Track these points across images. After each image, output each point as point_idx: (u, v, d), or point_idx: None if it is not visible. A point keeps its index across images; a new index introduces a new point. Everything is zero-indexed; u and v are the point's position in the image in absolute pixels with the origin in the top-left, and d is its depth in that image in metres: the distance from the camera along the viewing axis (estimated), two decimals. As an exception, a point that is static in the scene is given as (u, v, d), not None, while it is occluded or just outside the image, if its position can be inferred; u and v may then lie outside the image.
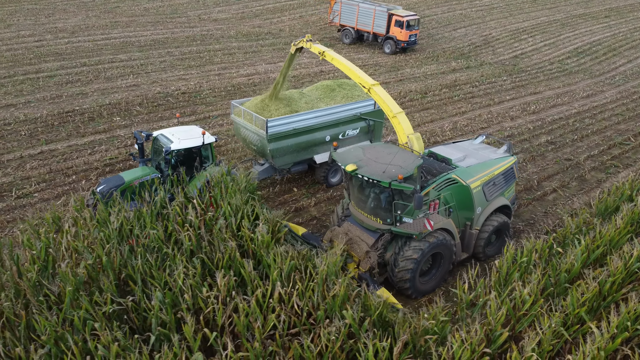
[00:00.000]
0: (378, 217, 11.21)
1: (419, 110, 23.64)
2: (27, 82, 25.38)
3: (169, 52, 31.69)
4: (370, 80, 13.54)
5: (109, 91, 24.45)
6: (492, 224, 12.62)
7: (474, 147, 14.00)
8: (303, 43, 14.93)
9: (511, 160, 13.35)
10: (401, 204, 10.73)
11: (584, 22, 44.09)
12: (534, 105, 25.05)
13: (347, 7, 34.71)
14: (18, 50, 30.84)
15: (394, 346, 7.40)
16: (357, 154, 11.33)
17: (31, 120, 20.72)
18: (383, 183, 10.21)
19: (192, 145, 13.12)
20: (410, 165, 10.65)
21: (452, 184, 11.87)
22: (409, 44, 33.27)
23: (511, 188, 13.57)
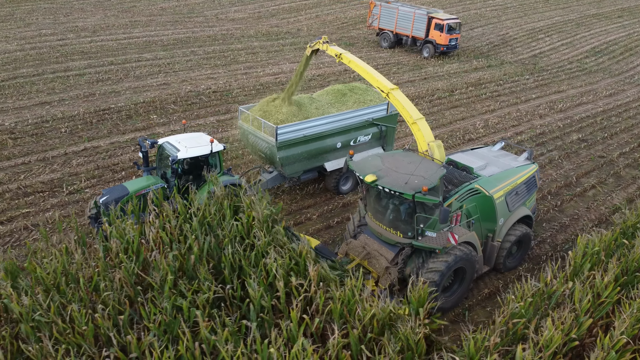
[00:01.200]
0: (398, 230, 10.51)
1: (449, 108, 23.92)
2: (58, 81, 25.61)
3: (193, 52, 31.94)
4: (389, 84, 12.80)
5: (140, 89, 24.69)
6: (514, 235, 11.98)
7: (493, 155, 13.44)
8: (319, 45, 14.18)
9: (533, 169, 12.75)
10: (423, 216, 10.04)
11: (598, 21, 44.41)
12: (561, 103, 25.34)
13: (387, 11, 34.21)
14: (42, 49, 31.08)
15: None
16: (376, 163, 10.62)
17: (69, 118, 20.96)
18: (406, 195, 9.53)
19: (199, 154, 12.46)
20: (434, 175, 9.99)
21: (475, 194, 11.19)
22: (449, 48, 32.31)
23: (532, 197, 12.98)
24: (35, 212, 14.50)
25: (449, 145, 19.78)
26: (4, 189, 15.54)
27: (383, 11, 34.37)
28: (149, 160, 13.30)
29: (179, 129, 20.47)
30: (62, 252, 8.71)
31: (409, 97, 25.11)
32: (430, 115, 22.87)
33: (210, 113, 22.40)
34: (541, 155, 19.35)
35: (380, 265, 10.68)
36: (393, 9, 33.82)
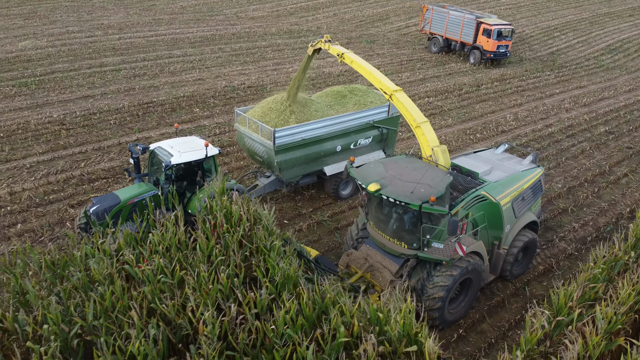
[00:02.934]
0: (402, 241, 9.94)
1: (477, 102, 24.72)
2: (96, 75, 26.37)
3: (220, 49, 32.70)
4: (392, 85, 12.25)
5: (177, 84, 25.45)
6: (521, 241, 11.54)
7: (497, 158, 12.92)
8: (321, 44, 13.77)
9: (539, 172, 12.26)
10: (429, 227, 9.52)
11: (611, 20, 45.25)
12: (584, 98, 26.14)
13: (438, 15, 33.21)
14: (74, 46, 31.83)
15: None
16: (378, 170, 10.02)
17: (114, 111, 21.73)
18: (413, 206, 9.01)
19: (194, 159, 11.94)
20: (440, 183, 9.46)
21: (482, 201, 10.58)
22: (496, 56, 30.52)
23: (537, 202, 12.55)
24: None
25: (484, 136, 20.58)
26: (68, 176, 16.30)
27: (435, 15, 33.39)
28: (140, 166, 12.82)
29: (223, 122, 21.26)
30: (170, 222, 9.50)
31: (437, 92, 26.17)
32: (461, 108, 23.69)
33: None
34: (572, 146, 20.16)
35: (384, 278, 10.00)
36: (444, 13, 32.78)
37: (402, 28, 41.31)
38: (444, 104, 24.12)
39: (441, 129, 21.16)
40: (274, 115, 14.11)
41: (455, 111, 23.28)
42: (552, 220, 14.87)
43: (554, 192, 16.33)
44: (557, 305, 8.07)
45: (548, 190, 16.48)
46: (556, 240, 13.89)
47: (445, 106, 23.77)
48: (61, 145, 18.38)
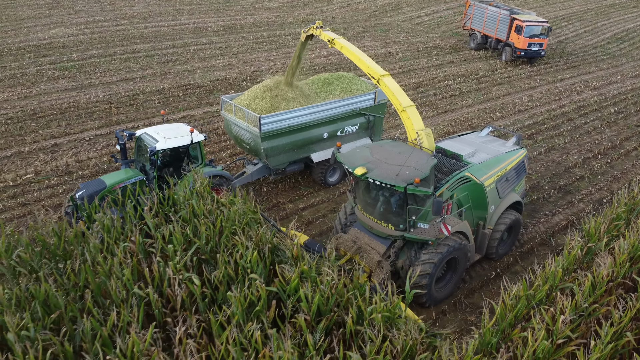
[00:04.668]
0: (389, 223, 10.22)
1: (494, 85, 26.22)
2: (131, 60, 27.81)
3: (243, 37, 34.11)
4: (380, 70, 12.60)
5: (209, 69, 26.90)
6: (505, 221, 11.87)
7: (482, 140, 13.21)
8: (313, 30, 14.08)
9: (522, 154, 12.59)
10: (415, 208, 9.78)
11: (616, 11, 46.63)
12: (593, 82, 27.62)
13: (478, 11, 32.70)
14: (103, 34, 33.23)
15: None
16: (364, 154, 10.26)
17: (156, 92, 23.19)
18: (398, 188, 9.25)
19: (179, 145, 12.04)
20: (425, 165, 9.72)
21: (466, 182, 10.95)
22: (527, 54, 29.44)
23: (521, 182, 12.91)
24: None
25: (503, 115, 22.10)
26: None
27: (475, 11, 32.89)
28: (127, 152, 12.90)
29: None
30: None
31: (455, 76, 27.66)
32: (479, 90, 25.19)
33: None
34: (585, 124, 21.68)
35: (372, 259, 10.25)
36: (483, 8, 32.11)
37: (415, 18, 42.69)
38: (462, 86, 25.63)
39: (462, 108, 22.67)
40: (260, 102, 14.14)
41: (473, 93, 24.79)
42: (570, 186, 16.41)
43: (571, 163, 17.87)
44: (587, 234, 9.62)
45: (565, 160, 18.04)
46: (575, 202, 15.44)
47: (464, 88, 25.28)
48: (114, 121, 19.88)
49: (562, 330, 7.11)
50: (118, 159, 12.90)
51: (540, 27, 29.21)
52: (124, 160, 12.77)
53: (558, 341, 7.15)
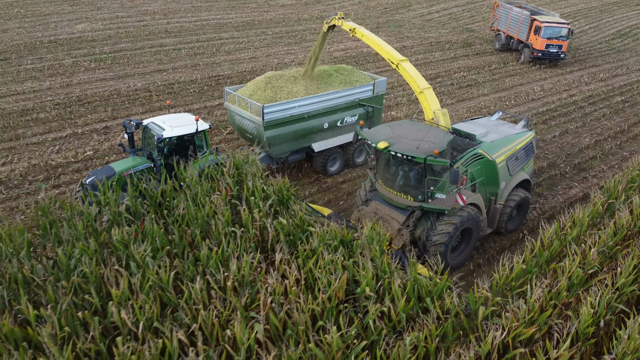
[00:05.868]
0: (408, 195, 11.00)
1: (506, 77, 27.65)
2: (161, 53, 29.22)
3: (263, 32, 35.53)
4: (399, 55, 13.31)
5: (235, 62, 28.31)
6: (515, 198, 12.62)
7: (493, 123, 14.06)
8: (335, 21, 14.68)
9: (530, 135, 13.43)
10: (433, 179, 10.56)
11: (619, 8, 48.07)
12: (600, 74, 29.04)
13: (504, 12, 32.68)
14: (129, 29, 34.64)
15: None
16: (385, 131, 11.08)
17: (190, 82, 24.58)
18: (418, 159, 10.02)
19: (185, 133, 12.36)
20: (442, 140, 10.54)
21: (479, 159, 11.81)
22: (545, 55, 29.03)
23: (530, 163, 13.71)
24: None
25: (518, 103, 23.51)
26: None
27: (502, 12, 32.88)
28: (134, 141, 13.29)
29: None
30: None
31: (469, 69, 29.05)
32: (493, 81, 26.62)
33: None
34: (594, 111, 23.10)
35: (392, 227, 11.01)
36: (508, 9, 32.10)
37: (425, 14, 44.13)
38: (477, 77, 27.05)
39: (479, 97, 24.09)
40: (262, 93, 14.64)
41: (488, 83, 26.21)
42: (584, 164, 17.82)
43: (584, 144, 19.28)
44: (608, 191, 11.05)
45: (578, 142, 19.46)
46: (589, 177, 16.86)
47: (479, 79, 26.70)
48: (156, 107, 21.28)
49: (593, 261, 8.52)
50: (126, 148, 13.23)
51: (559, 28, 28.82)
52: (132, 148, 13.13)
53: (589, 271, 8.56)
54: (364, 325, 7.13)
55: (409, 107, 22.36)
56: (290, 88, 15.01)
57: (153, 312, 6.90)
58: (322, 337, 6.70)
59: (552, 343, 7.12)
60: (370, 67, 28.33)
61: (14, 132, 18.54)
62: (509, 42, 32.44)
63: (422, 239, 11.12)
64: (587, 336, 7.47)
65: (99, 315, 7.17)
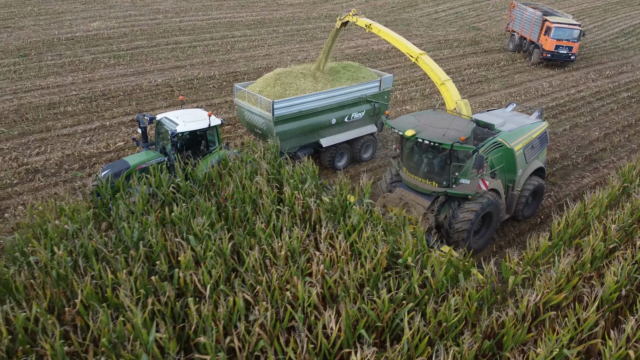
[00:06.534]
0: (433, 181, 11.53)
1: (515, 73, 28.35)
2: (177, 50, 29.89)
3: (274, 30, 36.23)
4: (417, 49, 13.73)
5: (250, 58, 28.99)
6: (531, 185, 13.15)
7: (508, 114, 14.62)
8: (349, 17, 14.86)
9: (544, 125, 14.07)
10: (458, 165, 11.10)
11: (622, 8, 48.83)
12: (606, 71, 29.76)
13: (519, 12, 32.76)
14: (143, 27, 35.31)
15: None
16: (411, 120, 11.63)
17: (208, 78, 25.25)
18: (445, 145, 10.55)
19: (198, 128, 12.59)
20: (467, 128, 11.08)
21: (498, 147, 12.37)
22: (554, 57, 28.81)
23: (544, 152, 14.26)
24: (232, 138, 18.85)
25: (528, 98, 24.20)
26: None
27: (517, 13, 33.00)
28: (147, 136, 13.49)
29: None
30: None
31: (478, 65, 29.81)
32: (502, 77, 27.33)
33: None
34: (602, 106, 23.80)
35: (418, 212, 11.54)
36: (523, 10, 32.15)
37: (432, 13, 44.86)
38: (487, 74, 27.75)
39: (490, 92, 24.80)
40: (272, 89, 14.95)
41: (498, 79, 26.92)
42: (594, 155, 18.51)
43: (593, 137, 19.97)
44: (622, 176, 11.75)
45: (587, 135, 20.15)
46: (600, 168, 17.54)
47: (488, 75, 27.41)
48: (178, 101, 21.95)
49: (613, 237, 9.21)
50: (139, 142, 13.44)
51: (570, 29, 28.50)
52: (145, 143, 13.35)
53: (609, 246, 9.25)
54: (409, 289, 7.80)
55: (423, 102, 23.04)
56: (299, 84, 15.29)
57: (219, 275, 7.57)
58: (375, 296, 7.39)
59: (581, 306, 7.80)
60: (382, 64, 29.03)
61: (44, 124, 19.23)
62: (522, 43, 32.34)
63: (445, 224, 11.65)
64: (612, 302, 8.15)
65: (168, 281, 7.84)
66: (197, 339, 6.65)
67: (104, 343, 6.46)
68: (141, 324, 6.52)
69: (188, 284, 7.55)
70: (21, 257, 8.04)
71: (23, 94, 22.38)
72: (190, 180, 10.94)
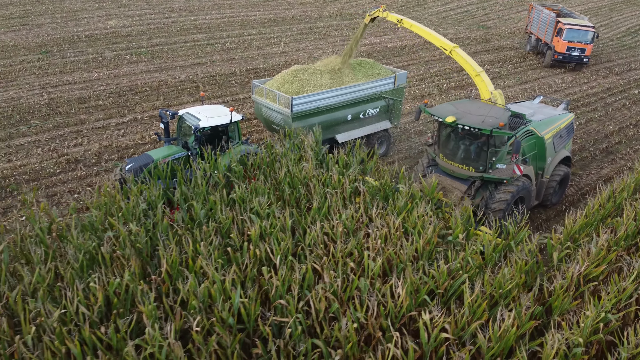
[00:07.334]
0: (470, 166, 12.01)
1: (528, 70, 29.04)
2: (196, 47, 30.52)
3: (288, 28, 36.86)
4: (450, 43, 14.41)
5: (268, 56, 29.62)
6: (559, 173, 13.72)
7: (537, 106, 15.23)
8: (379, 13, 15.27)
9: (570, 117, 14.65)
10: (494, 151, 11.62)
11: (627, 7, 49.56)
12: (616, 68, 30.45)
13: (537, 14, 32.68)
14: (160, 25, 35.92)
15: None
16: (450, 108, 12.15)
17: (229, 74, 25.89)
18: (485, 131, 11.08)
19: (220, 123, 12.83)
20: (503, 115, 11.68)
21: (530, 135, 12.90)
22: (566, 59, 28.44)
23: (570, 142, 14.84)
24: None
25: (543, 93, 24.85)
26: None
27: (535, 14, 32.95)
28: (170, 131, 13.70)
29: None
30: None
31: (491, 62, 30.56)
32: (516, 74, 28.00)
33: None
34: (614, 102, 24.49)
35: (455, 196, 12.03)
36: (540, 11, 32.13)
37: (441, 12, 45.52)
38: (500, 70, 28.44)
39: (505, 88, 25.45)
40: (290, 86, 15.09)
41: (512, 76, 27.60)
42: (611, 148, 19.20)
43: (609, 131, 20.67)
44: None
45: (603, 129, 20.82)
46: (617, 159, 18.24)
47: (502, 72, 28.09)
48: (205, 97, 22.57)
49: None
50: (161, 137, 13.72)
51: (583, 31, 28.08)
52: (167, 137, 13.62)
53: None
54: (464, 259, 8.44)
55: (441, 97, 23.71)
56: (316, 81, 15.49)
57: (288, 247, 8.21)
58: (435, 265, 8.04)
59: (621, 276, 8.45)
60: (397, 61, 29.68)
61: (77, 117, 19.85)
62: (537, 44, 32.15)
63: (481, 205, 12.09)
64: (648, 273, 8.80)
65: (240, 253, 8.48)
66: (276, 302, 7.28)
67: (193, 305, 7.09)
68: (228, 287, 7.14)
69: (259, 256, 8.18)
70: (101, 232, 8.67)
71: (51, 89, 23.00)
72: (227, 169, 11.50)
